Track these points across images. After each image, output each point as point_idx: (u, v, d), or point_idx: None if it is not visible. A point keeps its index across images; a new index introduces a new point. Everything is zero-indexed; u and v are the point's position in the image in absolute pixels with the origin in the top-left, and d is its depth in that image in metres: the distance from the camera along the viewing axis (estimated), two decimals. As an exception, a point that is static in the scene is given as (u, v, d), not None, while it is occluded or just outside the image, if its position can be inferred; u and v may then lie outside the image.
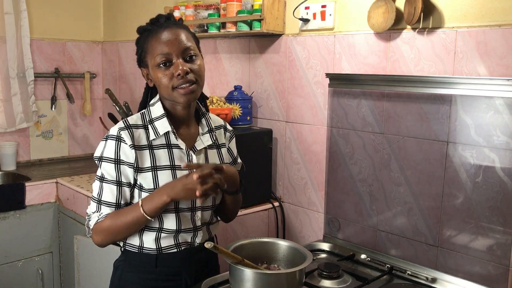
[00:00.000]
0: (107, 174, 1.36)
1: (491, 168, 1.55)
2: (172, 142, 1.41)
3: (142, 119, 1.42)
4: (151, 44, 1.37)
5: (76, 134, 3.37)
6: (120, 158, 1.35)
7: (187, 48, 1.37)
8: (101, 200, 1.38)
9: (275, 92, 2.30)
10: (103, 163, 1.37)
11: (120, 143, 1.35)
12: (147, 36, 1.39)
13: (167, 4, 2.73)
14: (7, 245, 2.59)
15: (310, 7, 2.08)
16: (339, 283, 1.61)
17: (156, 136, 1.39)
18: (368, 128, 1.87)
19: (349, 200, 1.97)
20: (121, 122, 1.39)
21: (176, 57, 1.35)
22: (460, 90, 1.58)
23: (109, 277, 1.52)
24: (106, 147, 1.37)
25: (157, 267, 1.41)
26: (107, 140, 1.37)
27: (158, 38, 1.36)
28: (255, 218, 2.22)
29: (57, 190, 2.73)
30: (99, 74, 3.45)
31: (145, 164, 1.37)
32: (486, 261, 1.58)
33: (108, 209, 1.37)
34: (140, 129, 1.39)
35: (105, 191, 1.37)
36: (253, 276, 1.31)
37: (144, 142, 1.38)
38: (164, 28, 1.37)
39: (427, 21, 1.72)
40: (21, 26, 2.95)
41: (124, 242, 1.44)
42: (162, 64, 1.35)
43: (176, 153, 1.41)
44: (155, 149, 1.39)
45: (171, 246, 1.42)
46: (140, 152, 1.37)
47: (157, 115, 1.41)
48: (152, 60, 1.37)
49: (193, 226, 1.43)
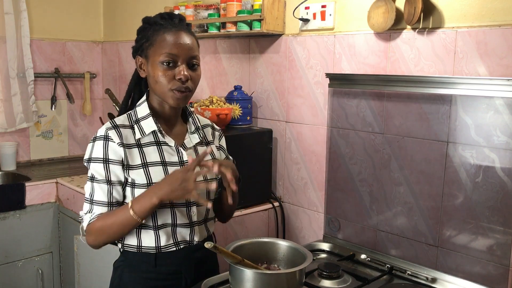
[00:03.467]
0: (97, 174, 1.37)
1: (491, 168, 1.55)
2: (160, 140, 1.42)
3: (129, 120, 1.43)
4: (161, 39, 1.36)
5: (76, 134, 3.37)
6: (108, 157, 1.36)
7: (194, 57, 1.38)
8: (93, 200, 1.38)
9: (275, 92, 2.30)
10: (92, 164, 1.37)
11: (108, 142, 1.36)
12: (158, 30, 1.38)
13: (167, 4, 2.73)
14: (7, 245, 2.59)
15: (310, 7, 2.08)
16: (339, 283, 1.61)
17: (142, 135, 1.40)
18: (368, 128, 1.87)
19: (349, 200, 1.97)
20: (108, 123, 1.40)
21: (182, 61, 1.36)
22: (460, 90, 1.57)
23: (109, 277, 1.52)
24: (94, 148, 1.37)
25: (156, 266, 1.42)
26: (95, 141, 1.38)
27: (170, 37, 1.36)
28: (255, 218, 2.22)
29: (57, 190, 2.73)
30: (99, 74, 3.45)
31: (136, 161, 1.38)
32: (486, 261, 1.58)
33: (100, 209, 1.37)
34: (127, 128, 1.40)
35: (96, 191, 1.37)
36: (253, 276, 1.31)
37: (132, 141, 1.39)
38: (178, 29, 1.37)
39: (427, 21, 1.72)
40: (21, 26, 2.95)
41: (122, 244, 1.44)
42: (166, 63, 1.35)
43: (166, 149, 1.42)
44: (144, 147, 1.40)
45: (170, 245, 1.42)
46: (129, 150, 1.37)
47: (143, 115, 1.42)
48: (157, 55, 1.36)
49: (189, 221, 1.43)
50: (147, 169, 1.38)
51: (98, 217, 1.36)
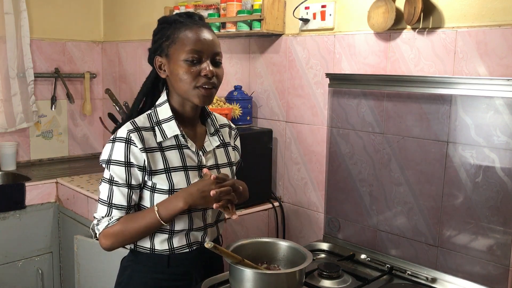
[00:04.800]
0: (117, 177, 1.33)
1: (491, 168, 1.55)
2: (182, 143, 1.40)
3: (150, 121, 1.39)
4: (184, 37, 1.33)
5: (76, 134, 3.37)
6: (130, 161, 1.32)
7: (218, 53, 1.36)
8: (112, 204, 1.35)
9: (275, 92, 2.30)
10: (112, 166, 1.33)
11: (130, 145, 1.32)
12: (179, 27, 1.35)
13: (167, 4, 2.72)
14: (7, 245, 2.59)
15: (310, 7, 2.08)
16: (339, 283, 1.61)
17: (164, 139, 1.37)
18: (368, 128, 1.87)
19: (349, 200, 1.97)
20: (129, 124, 1.36)
21: (206, 57, 1.33)
22: (460, 90, 1.57)
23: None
24: (114, 150, 1.33)
25: (169, 267, 1.41)
26: (114, 142, 1.34)
27: (193, 34, 1.33)
28: (255, 218, 2.22)
29: (57, 190, 2.73)
30: (99, 74, 3.45)
31: (158, 166, 1.35)
32: (486, 261, 1.58)
33: (119, 213, 1.35)
34: (148, 131, 1.37)
35: (115, 194, 1.34)
36: (253, 276, 1.31)
37: (154, 144, 1.36)
38: (199, 26, 1.35)
39: (427, 21, 1.72)
40: (21, 26, 2.95)
41: (135, 244, 1.42)
42: (191, 60, 1.32)
43: (187, 153, 1.40)
44: (166, 151, 1.37)
45: (183, 246, 1.41)
46: (151, 154, 1.34)
47: (165, 117, 1.39)
48: (180, 53, 1.32)
49: (203, 224, 1.43)
50: (170, 174, 1.36)
51: (118, 220, 1.34)
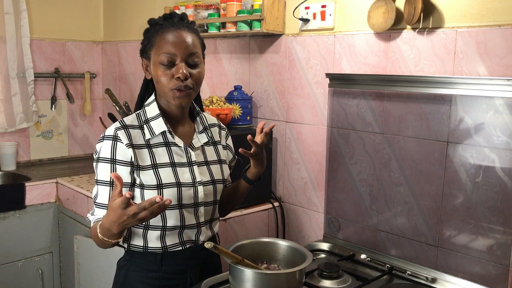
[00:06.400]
0: (103, 175, 1.36)
1: (491, 168, 1.55)
2: (170, 140, 1.42)
3: (138, 120, 1.42)
4: (159, 40, 1.36)
5: (76, 134, 3.37)
6: (116, 158, 1.35)
7: (193, 54, 1.37)
8: (96, 203, 1.38)
9: (275, 92, 2.30)
10: (100, 164, 1.36)
11: (116, 142, 1.35)
12: (157, 30, 1.38)
13: (167, 4, 2.72)
14: (7, 245, 2.59)
15: (310, 7, 2.07)
16: (339, 283, 1.61)
17: (152, 136, 1.40)
18: (368, 128, 1.87)
19: (349, 200, 1.97)
20: (117, 122, 1.40)
21: (180, 59, 1.35)
22: (460, 90, 1.57)
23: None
24: (102, 148, 1.37)
25: (162, 265, 1.42)
26: (103, 140, 1.37)
27: (167, 36, 1.35)
28: (255, 218, 2.22)
29: (57, 190, 2.73)
30: (99, 74, 3.45)
31: (146, 162, 1.37)
32: (486, 261, 1.58)
33: (102, 212, 1.36)
34: (136, 129, 1.40)
35: (100, 194, 1.37)
36: (253, 276, 1.31)
37: (142, 142, 1.39)
38: (175, 28, 1.37)
39: (427, 21, 1.72)
40: (21, 26, 2.95)
41: (128, 243, 1.44)
42: (165, 63, 1.35)
43: (175, 150, 1.42)
44: (153, 148, 1.40)
45: (176, 244, 1.42)
46: (138, 150, 1.37)
47: (153, 115, 1.42)
48: (156, 56, 1.36)
49: (196, 222, 1.44)
50: (157, 170, 1.37)
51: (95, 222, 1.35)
